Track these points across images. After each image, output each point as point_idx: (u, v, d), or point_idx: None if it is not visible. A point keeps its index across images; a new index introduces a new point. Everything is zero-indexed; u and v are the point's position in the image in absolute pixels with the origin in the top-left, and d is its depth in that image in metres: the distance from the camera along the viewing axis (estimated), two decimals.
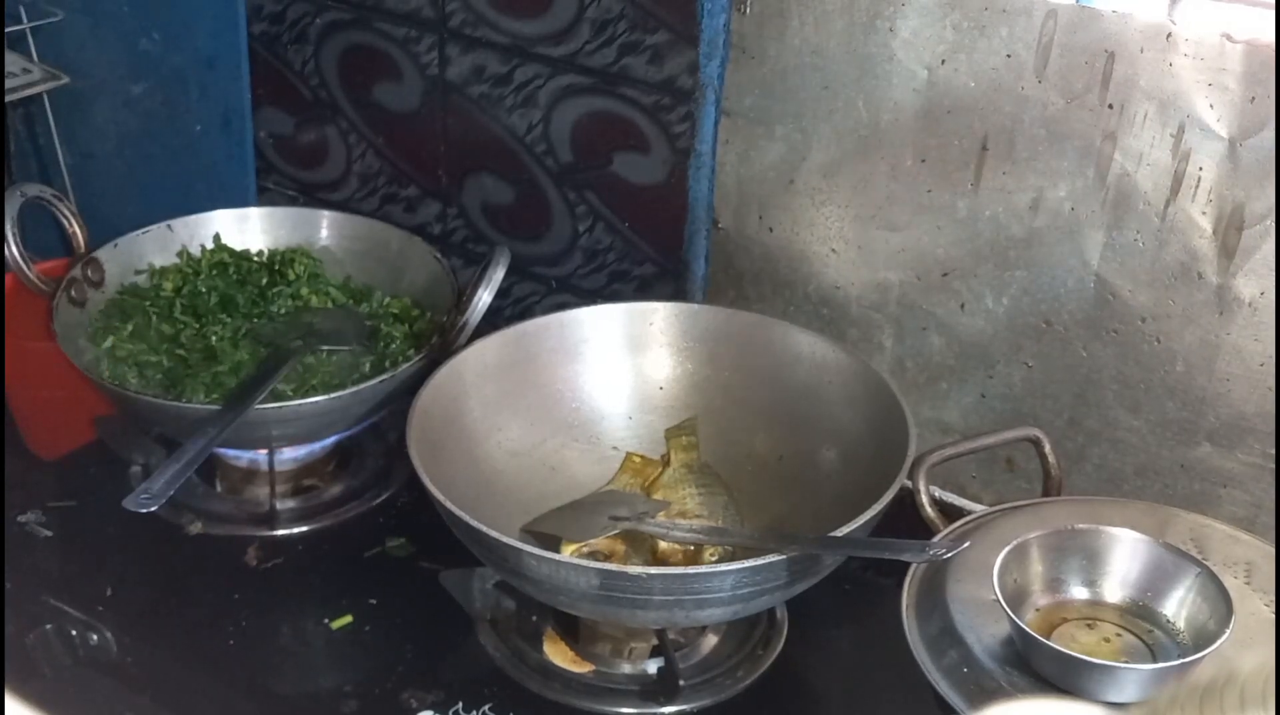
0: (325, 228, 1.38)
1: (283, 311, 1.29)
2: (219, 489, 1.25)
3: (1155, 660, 0.89)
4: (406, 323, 1.27)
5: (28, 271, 1.24)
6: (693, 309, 1.22)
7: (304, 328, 1.26)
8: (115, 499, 1.22)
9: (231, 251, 1.34)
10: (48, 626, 1.10)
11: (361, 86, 1.45)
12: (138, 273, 1.31)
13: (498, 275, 1.19)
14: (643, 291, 1.33)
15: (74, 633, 1.09)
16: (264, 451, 1.20)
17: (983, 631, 0.91)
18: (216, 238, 1.35)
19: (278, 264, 1.33)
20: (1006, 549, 0.91)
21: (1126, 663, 0.88)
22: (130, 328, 1.24)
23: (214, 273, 1.31)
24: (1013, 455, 1.19)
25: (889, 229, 1.18)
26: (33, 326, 1.25)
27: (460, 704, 1.01)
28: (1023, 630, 0.87)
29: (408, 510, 1.22)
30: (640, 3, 1.22)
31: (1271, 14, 0.96)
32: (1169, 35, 0.99)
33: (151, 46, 1.55)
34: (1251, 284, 1.02)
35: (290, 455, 1.23)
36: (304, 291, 1.31)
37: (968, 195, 1.13)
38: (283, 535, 1.19)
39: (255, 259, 1.34)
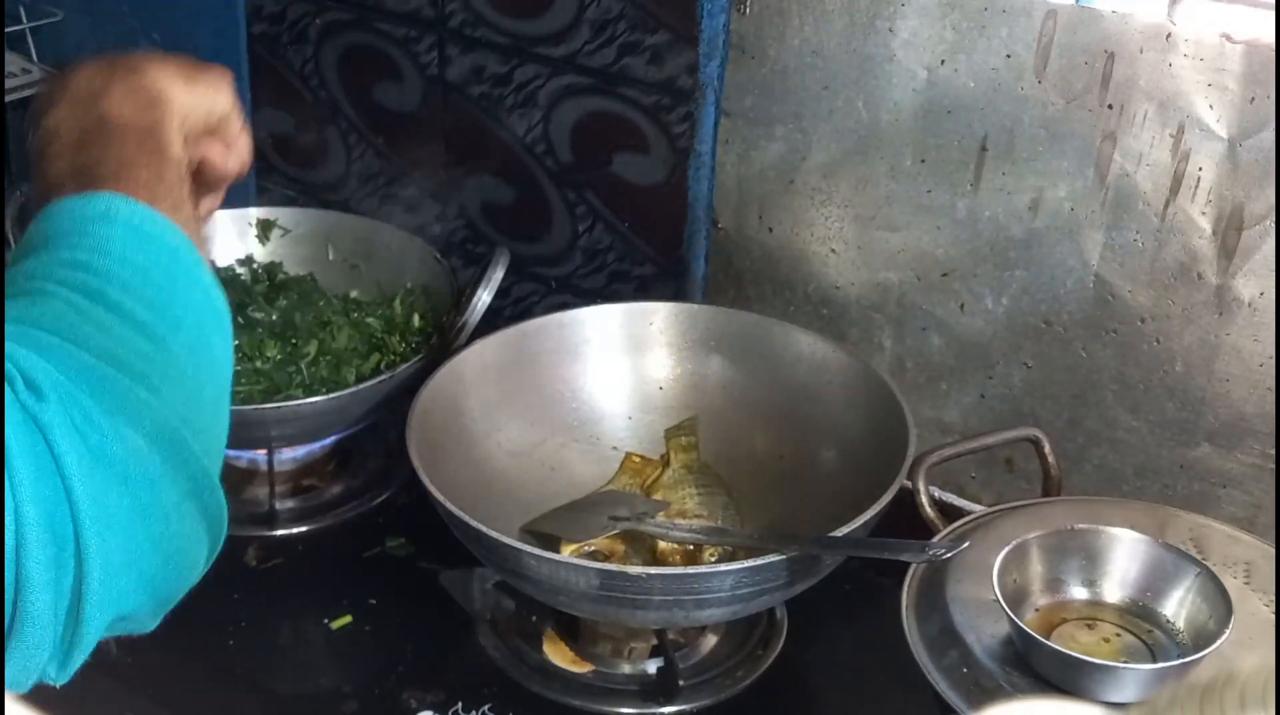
0: (325, 228, 1.38)
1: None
2: None
3: (1155, 660, 0.89)
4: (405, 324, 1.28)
5: None
6: (693, 309, 1.22)
7: None
8: None
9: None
10: None
11: (361, 86, 1.45)
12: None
13: (498, 275, 1.20)
14: (643, 291, 1.33)
15: None
16: (263, 451, 1.20)
17: (982, 631, 0.91)
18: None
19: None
20: (1006, 549, 0.91)
21: (1126, 663, 0.88)
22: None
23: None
24: (1012, 455, 1.19)
25: (889, 229, 1.18)
26: None
27: (460, 704, 1.01)
28: (1022, 630, 0.87)
29: (408, 510, 1.22)
30: (640, 3, 1.22)
31: (1271, 14, 0.96)
32: (1169, 35, 1.00)
33: (151, 47, 1.55)
34: (1251, 284, 1.02)
35: (290, 455, 1.23)
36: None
37: (967, 195, 1.13)
38: (282, 535, 1.19)
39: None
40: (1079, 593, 0.94)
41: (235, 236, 1.36)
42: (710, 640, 1.08)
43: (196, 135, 0.85)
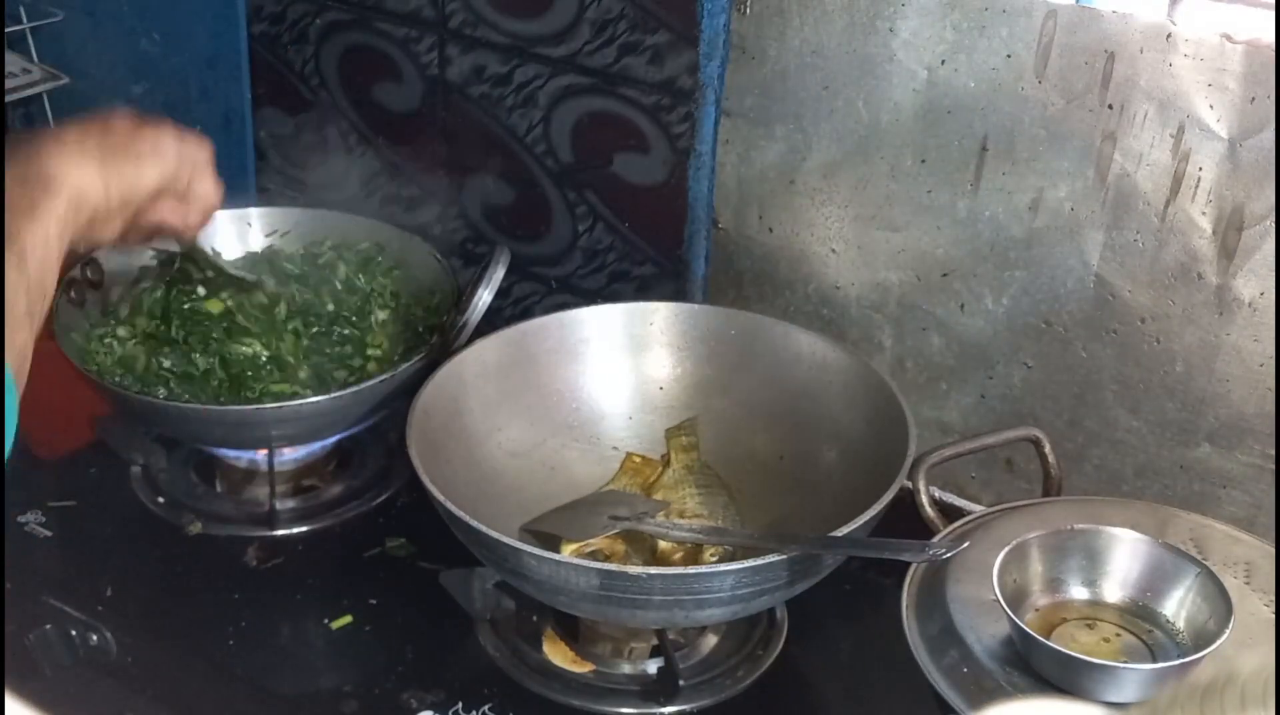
0: (325, 228, 1.38)
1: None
2: (219, 489, 1.25)
3: (1155, 660, 0.89)
4: (404, 323, 1.28)
5: None
6: (693, 309, 1.22)
7: None
8: (115, 499, 1.23)
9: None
10: (48, 626, 1.10)
11: (361, 86, 1.45)
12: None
13: (498, 275, 1.19)
14: (643, 291, 1.33)
15: (74, 633, 1.09)
16: (264, 451, 1.20)
17: (982, 631, 0.91)
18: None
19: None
20: (1006, 549, 0.91)
21: (1126, 663, 0.88)
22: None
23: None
24: (1012, 456, 1.19)
25: (889, 229, 1.18)
26: None
27: (460, 704, 1.01)
28: (1022, 630, 0.87)
29: (408, 510, 1.22)
30: (640, 3, 1.22)
31: (1271, 14, 0.96)
32: (1169, 35, 1.00)
33: (151, 46, 1.55)
34: (1251, 284, 1.02)
35: (290, 455, 1.23)
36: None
37: (968, 195, 1.13)
38: (283, 535, 1.19)
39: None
40: (1079, 593, 0.94)
41: (235, 237, 1.36)
42: (710, 640, 1.08)
43: (141, 203, 0.97)
